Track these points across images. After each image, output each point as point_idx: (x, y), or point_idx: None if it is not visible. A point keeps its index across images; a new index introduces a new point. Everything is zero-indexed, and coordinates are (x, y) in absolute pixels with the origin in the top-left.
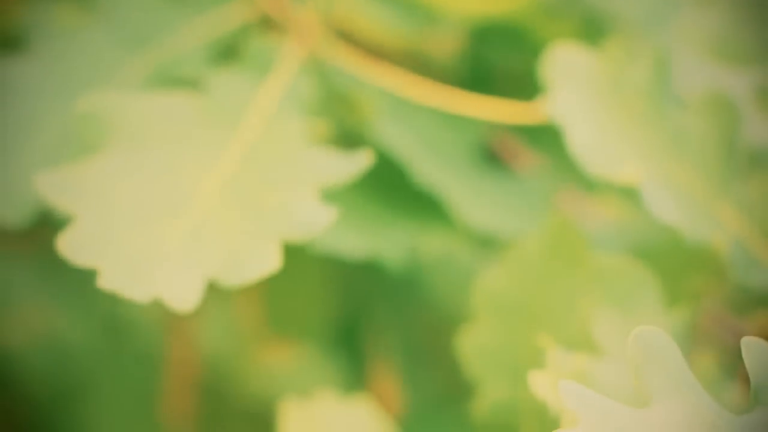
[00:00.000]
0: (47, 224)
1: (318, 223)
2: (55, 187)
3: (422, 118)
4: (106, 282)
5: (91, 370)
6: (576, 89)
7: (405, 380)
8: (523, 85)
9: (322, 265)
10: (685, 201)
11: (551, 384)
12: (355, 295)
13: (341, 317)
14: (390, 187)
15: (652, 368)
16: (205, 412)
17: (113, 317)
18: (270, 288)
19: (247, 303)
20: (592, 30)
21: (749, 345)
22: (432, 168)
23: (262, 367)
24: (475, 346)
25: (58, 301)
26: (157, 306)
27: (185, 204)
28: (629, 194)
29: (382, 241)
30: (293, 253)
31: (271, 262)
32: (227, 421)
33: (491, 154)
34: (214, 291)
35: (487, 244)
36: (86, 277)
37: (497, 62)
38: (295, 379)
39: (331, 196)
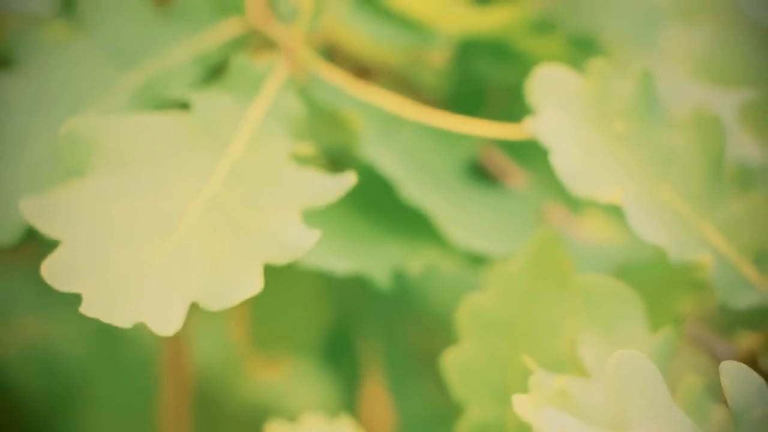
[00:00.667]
0: (39, 237)
1: (301, 245)
2: (40, 212)
3: (409, 133)
4: (88, 308)
5: (85, 380)
6: (561, 109)
7: (394, 399)
8: (511, 102)
9: (310, 284)
10: (670, 221)
11: (535, 406)
12: (343, 313)
13: (329, 335)
14: (377, 204)
15: (631, 392)
16: (200, 422)
17: (107, 327)
18: (257, 305)
19: (236, 319)
20: (579, 48)
21: (728, 370)
22: (419, 184)
23: (252, 382)
24: (459, 366)
25: (53, 312)
26: None
27: (171, 227)
28: (615, 214)
29: (370, 259)
30: (281, 271)
31: (253, 286)
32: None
33: (479, 170)
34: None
35: (476, 261)
36: None
37: (486, 79)
38: (285, 395)
39: (318, 213)
